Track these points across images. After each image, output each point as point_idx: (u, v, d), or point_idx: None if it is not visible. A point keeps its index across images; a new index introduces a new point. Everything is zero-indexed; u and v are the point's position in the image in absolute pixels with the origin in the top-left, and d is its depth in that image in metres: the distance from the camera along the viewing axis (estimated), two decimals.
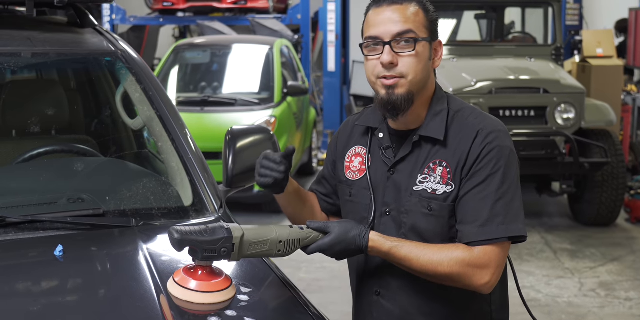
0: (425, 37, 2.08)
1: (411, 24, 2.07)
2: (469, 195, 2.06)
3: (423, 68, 2.09)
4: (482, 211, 2.04)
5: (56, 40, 2.89)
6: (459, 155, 2.08)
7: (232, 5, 12.14)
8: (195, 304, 1.91)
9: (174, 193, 2.62)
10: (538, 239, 7.15)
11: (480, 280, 2.03)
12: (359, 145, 2.26)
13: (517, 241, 2.09)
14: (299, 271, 6.16)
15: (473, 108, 2.18)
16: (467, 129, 2.10)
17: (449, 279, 2.05)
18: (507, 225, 2.04)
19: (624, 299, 5.69)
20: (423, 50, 2.08)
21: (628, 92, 9.62)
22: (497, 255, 2.04)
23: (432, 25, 2.11)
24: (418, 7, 2.09)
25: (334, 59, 11.45)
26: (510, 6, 8.96)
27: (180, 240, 1.88)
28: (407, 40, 2.06)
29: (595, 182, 7.29)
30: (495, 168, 2.05)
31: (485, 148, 2.06)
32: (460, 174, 2.08)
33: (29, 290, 2.05)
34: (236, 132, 2.73)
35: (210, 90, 8.72)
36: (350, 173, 2.26)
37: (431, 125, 2.12)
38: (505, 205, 2.04)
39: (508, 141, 2.10)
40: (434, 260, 2.02)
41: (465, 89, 7.09)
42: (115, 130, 3.21)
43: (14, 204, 2.47)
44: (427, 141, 2.13)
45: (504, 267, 2.09)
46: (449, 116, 2.13)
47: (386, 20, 2.07)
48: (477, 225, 2.04)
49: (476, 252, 2.03)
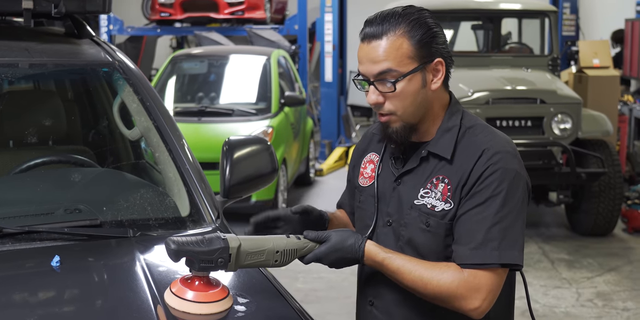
0: (411, 69, 2.00)
1: (391, 60, 1.99)
2: (467, 215, 2.01)
3: (412, 101, 2.03)
4: (477, 234, 1.98)
5: (54, 50, 2.89)
6: (461, 173, 2.03)
7: (229, 16, 12.16)
8: (192, 314, 1.91)
9: (171, 203, 2.62)
10: (535, 249, 7.15)
11: (469, 304, 1.98)
12: (374, 152, 2.25)
13: (512, 269, 2.04)
14: (296, 281, 6.16)
15: (486, 125, 2.12)
16: (473, 146, 2.05)
17: (437, 298, 2.01)
18: (501, 251, 1.97)
19: (622, 309, 5.69)
20: (409, 84, 2.02)
21: (624, 103, 9.64)
22: (487, 280, 1.98)
23: (421, 51, 2.01)
24: (402, 36, 1.99)
25: (331, 69, 11.48)
26: (506, 17, 8.98)
27: (176, 250, 1.88)
28: (388, 80, 2.01)
29: (592, 192, 7.29)
30: (497, 190, 1.99)
31: (489, 169, 2.00)
32: (460, 192, 2.03)
33: (26, 301, 2.05)
34: (233, 142, 2.74)
35: (208, 100, 8.73)
36: (363, 179, 2.24)
37: (440, 141, 2.08)
38: (502, 230, 1.98)
39: (514, 164, 2.03)
40: (424, 277, 1.99)
41: (462, 99, 7.10)
42: (112, 141, 3.22)
43: (11, 215, 2.48)
44: (435, 156, 2.09)
45: (497, 293, 2.02)
46: (460, 132, 2.08)
47: (367, 59, 2.02)
48: (470, 247, 1.98)
49: (466, 275, 1.98)
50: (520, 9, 8.29)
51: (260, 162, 2.77)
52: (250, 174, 2.74)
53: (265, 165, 2.78)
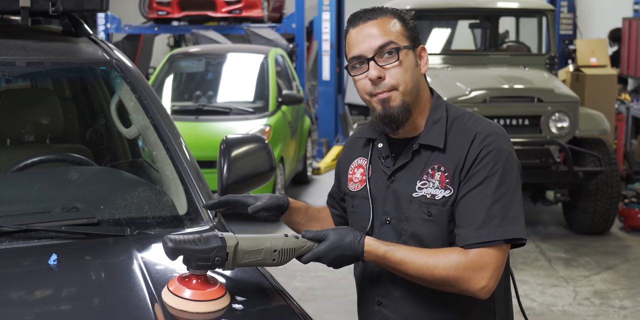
0: (407, 44, 2.10)
1: (390, 35, 2.09)
2: (466, 197, 2.06)
3: (411, 76, 2.10)
4: (479, 213, 2.03)
5: (51, 49, 2.89)
6: (457, 159, 2.08)
7: (226, 15, 12.17)
8: (189, 313, 1.91)
9: (168, 202, 2.62)
10: (532, 247, 7.16)
11: (477, 284, 2.01)
12: (361, 156, 2.27)
13: (515, 244, 2.08)
14: (293, 280, 6.16)
15: (472, 114, 2.18)
16: (464, 132, 2.10)
17: (445, 283, 2.03)
18: (504, 227, 2.02)
19: (619, 307, 5.69)
20: (407, 58, 2.09)
21: (622, 101, 9.65)
22: (494, 258, 2.02)
23: (411, 33, 2.13)
24: (394, 18, 2.12)
25: (329, 68, 11.48)
26: (504, 15, 8.98)
27: (174, 249, 1.88)
28: (390, 51, 2.08)
29: (590, 190, 7.30)
30: (493, 170, 2.04)
31: (483, 150, 2.06)
32: (459, 177, 2.07)
33: (23, 299, 2.05)
34: (231, 141, 2.74)
35: (205, 99, 8.73)
36: (353, 184, 2.27)
37: (430, 133, 2.13)
38: (502, 208, 2.03)
39: (506, 144, 2.10)
40: (429, 263, 2.01)
41: (459, 98, 7.10)
42: (109, 139, 3.21)
43: (8, 213, 2.47)
44: (427, 148, 2.13)
45: (502, 271, 2.06)
46: (448, 123, 2.14)
47: (366, 36, 2.09)
48: (474, 227, 2.02)
49: (472, 254, 2.01)
50: (518, 8, 8.30)
51: (257, 160, 2.77)
52: (248, 173, 2.74)
53: (262, 164, 2.78)
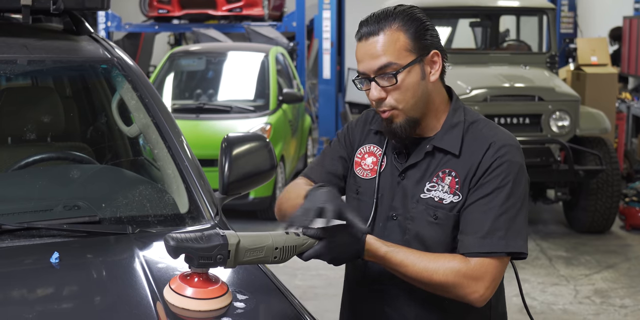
0: (409, 61, 2.05)
1: (390, 54, 2.04)
2: (474, 206, 2.06)
3: (413, 94, 2.08)
4: (484, 223, 2.03)
5: (52, 47, 2.89)
6: (469, 165, 2.08)
7: (227, 13, 12.17)
8: (191, 311, 1.91)
9: (170, 200, 2.62)
10: (533, 246, 7.16)
11: (474, 293, 2.02)
12: (374, 144, 2.25)
13: (516, 257, 2.09)
14: (294, 278, 6.16)
15: (488, 120, 2.18)
16: (479, 139, 2.10)
17: (442, 289, 2.04)
18: (508, 240, 2.03)
19: (619, 306, 5.70)
20: (409, 76, 2.06)
21: (622, 100, 9.65)
22: (493, 268, 2.03)
23: (418, 43, 2.07)
24: (398, 31, 2.05)
25: (329, 66, 11.46)
26: (504, 14, 8.97)
27: (175, 247, 1.88)
28: (389, 74, 2.05)
29: (590, 189, 7.30)
30: (503, 182, 2.05)
31: (496, 161, 2.06)
32: (469, 184, 2.08)
33: (24, 298, 2.05)
34: (232, 139, 2.74)
35: (206, 97, 8.73)
36: (361, 170, 2.25)
37: (447, 137, 2.13)
38: (508, 220, 2.04)
39: (519, 157, 2.10)
40: (429, 267, 2.01)
41: (460, 96, 7.00)
42: (111, 138, 3.21)
43: (9, 211, 2.47)
44: (440, 151, 2.13)
45: (499, 281, 2.08)
46: (464, 128, 2.13)
47: (366, 56, 2.07)
48: (478, 236, 2.03)
49: (472, 263, 2.02)
50: (519, 7, 8.30)
51: (259, 159, 2.77)
52: (249, 171, 2.74)
53: (264, 162, 2.78)
